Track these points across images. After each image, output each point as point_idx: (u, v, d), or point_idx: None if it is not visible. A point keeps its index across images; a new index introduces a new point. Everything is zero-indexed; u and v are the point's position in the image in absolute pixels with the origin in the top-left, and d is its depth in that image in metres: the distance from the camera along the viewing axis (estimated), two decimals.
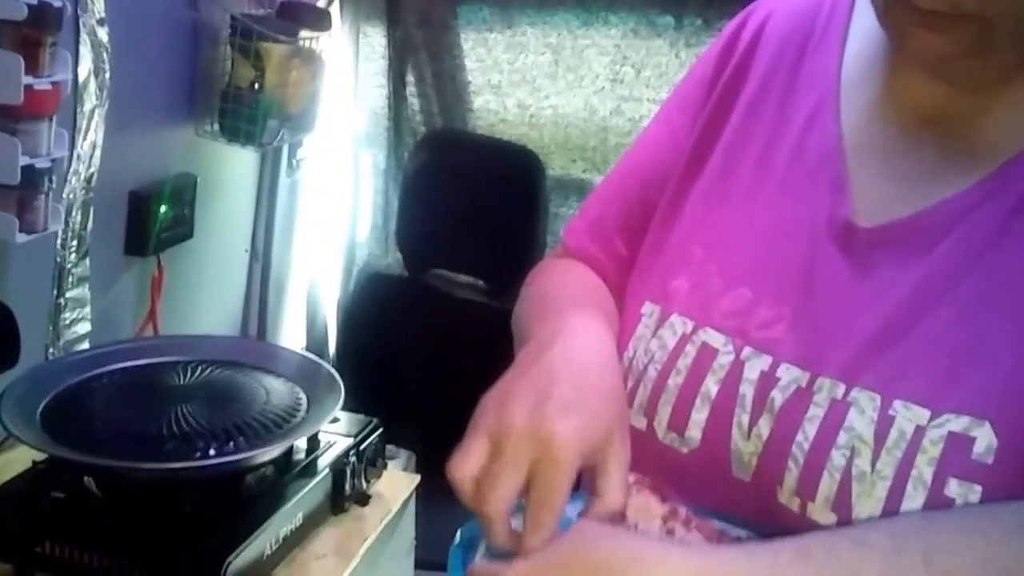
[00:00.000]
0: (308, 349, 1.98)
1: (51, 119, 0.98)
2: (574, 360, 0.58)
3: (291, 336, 1.95)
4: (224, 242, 1.63)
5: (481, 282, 1.86)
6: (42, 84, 0.95)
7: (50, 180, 1.00)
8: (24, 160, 0.96)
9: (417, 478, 1.19)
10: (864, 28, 0.64)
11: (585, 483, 0.56)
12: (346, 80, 1.80)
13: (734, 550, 0.48)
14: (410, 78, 1.81)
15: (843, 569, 0.45)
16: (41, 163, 0.98)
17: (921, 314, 0.54)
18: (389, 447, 1.43)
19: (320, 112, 1.59)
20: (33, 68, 0.94)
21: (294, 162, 1.79)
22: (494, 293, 1.82)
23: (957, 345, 0.52)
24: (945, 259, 0.55)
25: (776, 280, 0.60)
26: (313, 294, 1.98)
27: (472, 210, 1.75)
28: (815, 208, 0.60)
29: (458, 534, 0.56)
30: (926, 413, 0.51)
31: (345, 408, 1.04)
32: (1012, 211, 0.54)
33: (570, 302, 0.67)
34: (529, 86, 1.74)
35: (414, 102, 1.83)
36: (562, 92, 1.74)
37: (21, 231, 0.98)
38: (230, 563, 0.81)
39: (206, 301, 1.61)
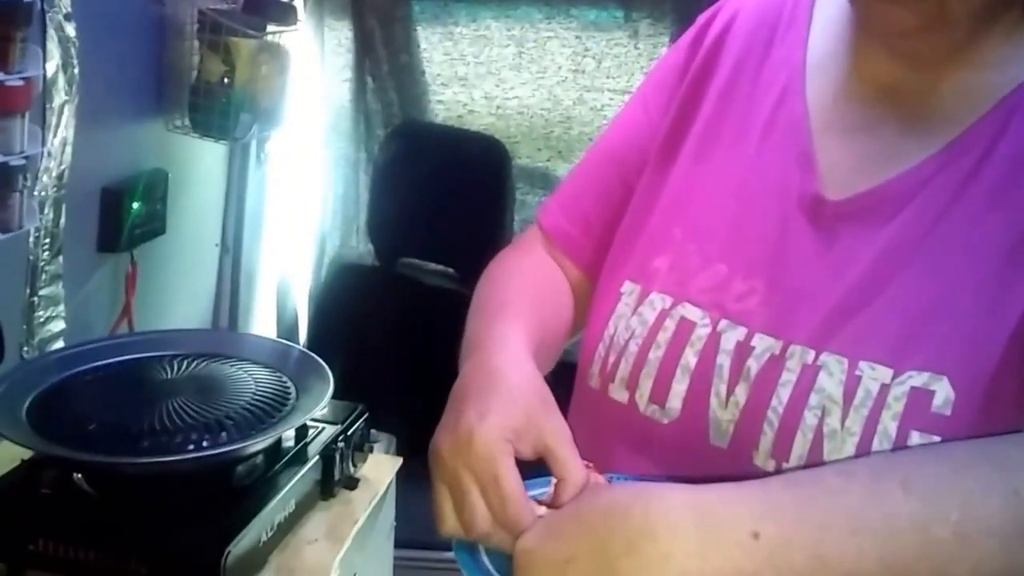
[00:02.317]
0: (279, 338, 1.95)
1: (24, 116, 0.94)
2: (482, 368, 0.59)
3: (262, 328, 1.91)
4: (196, 236, 1.60)
5: (451, 270, 1.85)
6: (13, 80, 0.91)
7: (24, 178, 0.96)
8: None
9: (399, 461, 1.18)
10: (827, 15, 0.67)
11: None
12: (312, 74, 1.77)
13: (724, 485, 0.49)
14: (376, 71, 1.78)
15: (828, 494, 0.47)
16: (15, 160, 0.94)
17: (884, 280, 0.56)
18: (371, 432, 1.42)
19: (287, 106, 1.55)
20: (3, 64, 0.90)
21: (262, 156, 1.75)
22: (464, 280, 1.80)
23: (916, 307, 0.55)
24: (904, 228, 0.57)
25: (750, 255, 0.62)
26: (283, 286, 1.95)
27: (441, 200, 1.73)
28: (785, 184, 0.62)
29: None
30: (890, 372, 0.54)
31: None
32: (963, 181, 0.56)
33: (497, 311, 0.68)
34: (494, 78, 1.74)
35: (379, 95, 1.81)
36: (526, 83, 1.74)
37: None
38: (229, 552, 0.79)
39: (179, 296, 1.57)
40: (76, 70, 1.06)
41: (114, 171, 1.30)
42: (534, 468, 0.56)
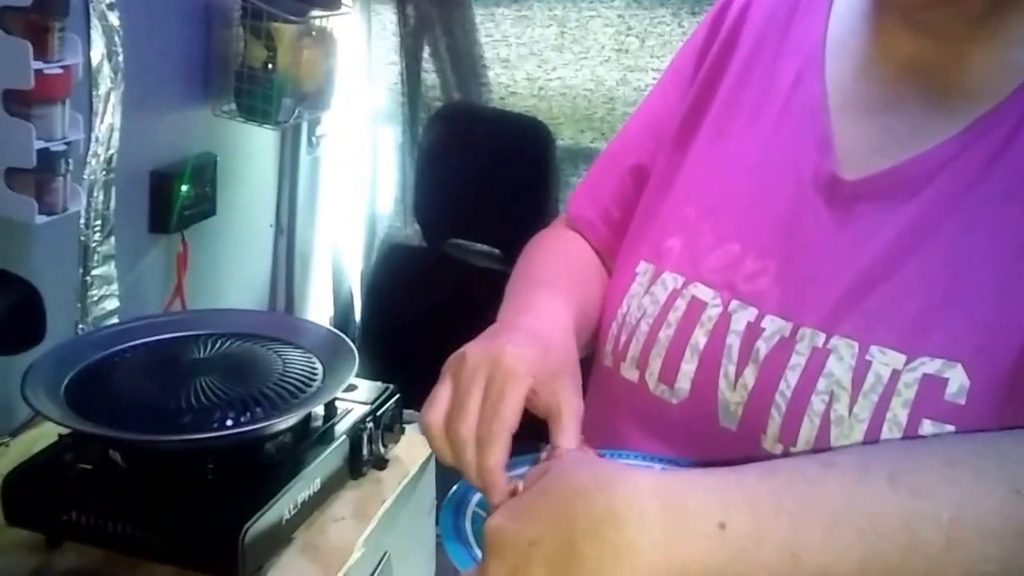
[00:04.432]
0: (334, 319, 1.97)
1: (64, 103, 0.95)
2: (523, 326, 0.59)
3: (318, 307, 1.93)
4: (247, 218, 1.61)
5: (497, 250, 1.83)
6: (52, 69, 0.92)
7: (67, 162, 0.98)
8: (39, 144, 0.93)
9: None
10: None
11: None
12: (360, 58, 1.76)
13: (699, 471, 0.47)
14: (422, 54, 1.77)
15: (808, 485, 0.43)
16: (56, 146, 0.96)
17: (899, 263, 0.53)
18: (409, 411, 1.42)
19: (336, 90, 1.54)
20: (42, 53, 0.91)
21: (314, 139, 1.75)
22: (509, 261, 1.78)
23: (932, 292, 0.52)
24: (923, 209, 0.54)
25: (763, 235, 0.60)
26: (338, 266, 1.96)
27: (486, 181, 1.71)
28: (801, 164, 0.60)
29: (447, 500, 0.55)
30: (902, 357, 0.51)
31: (371, 375, 1.02)
32: (988, 161, 0.52)
33: (538, 285, 0.68)
34: (536, 59, 1.70)
35: (426, 77, 1.79)
36: (569, 64, 1.69)
37: (40, 213, 0.96)
38: (248, 529, 0.79)
39: (232, 276, 1.59)
40: (120, 58, 1.07)
41: (163, 155, 1.31)
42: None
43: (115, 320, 1.20)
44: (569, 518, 0.43)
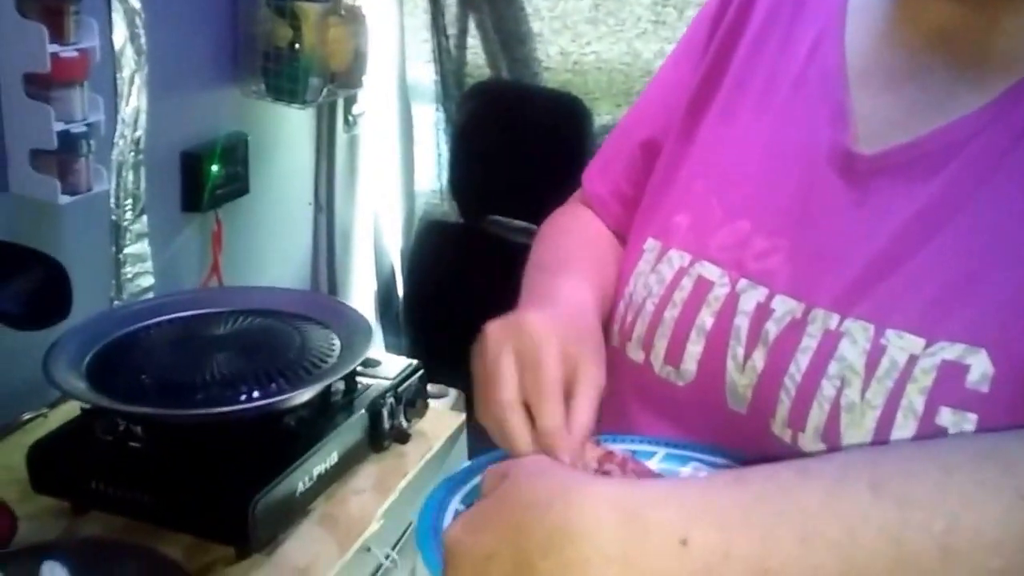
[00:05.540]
0: (378, 296, 1.99)
1: (82, 85, 0.97)
2: (547, 307, 0.58)
3: (361, 285, 1.95)
4: (283, 197, 1.63)
5: (535, 227, 1.80)
6: (68, 52, 0.94)
7: (88, 144, 1.00)
8: (59, 126, 0.95)
9: (462, 417, 1.18)
10: None
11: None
12: (393, 35, 1.75)
13: (664, 480, 0.44)
14: (452, 31, 1.75)
15: (782, 494, 0.40)
16: (77, 128, 0.98)
17: (919, 243, 0.50)
18: (439, 386, 1.42)
19: (367, 68, 1.54)
20: (58, 37, 0.93)
21: (350, 118, 1.76)
22: None
23: (954, 273, 0.48)
24: (946, 186, 0.50)
25: (774, 211, 0.57)
26: (379, 243, 1.98)
27: (522, 158, 1.69)
28: (815, 137, 0.57)
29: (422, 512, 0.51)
30: (920, 342, 0.48)
31: (413, 352, 1.02)
32: (1016, 136, 0.49)
33: (558, 271, 0.67)
34: (571, 32, 1.66)
35: (460, 54, 1.78)
36: (604, 37, 1.65)
37: (64, 192, 0.98)
38: (259, 500, 0.81)
39: (270, 254, 1.61)
40: (143, 40, 1.09)
41: (192, 136, 1.33)
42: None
43: (151, 296, 1.23)
44: (523, 532, 0.40)
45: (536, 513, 0.40)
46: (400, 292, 1.98)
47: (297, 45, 1.33)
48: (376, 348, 1.63)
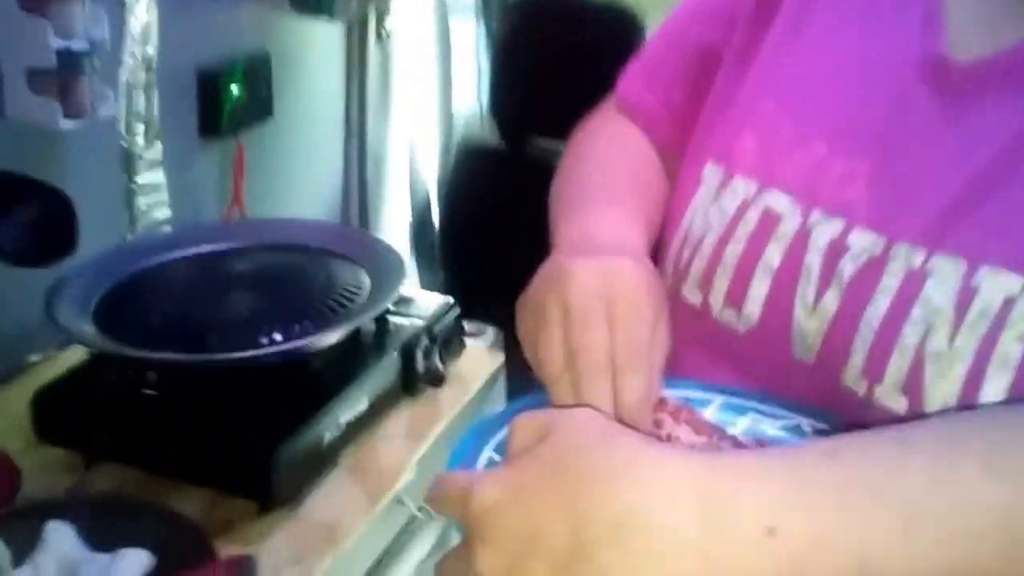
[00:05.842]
0: (412, 228, 1.92)
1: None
2: (612, 252, 0.52)
3: (394, 217, 1.88)
4: (310, 120, 1.55)
5: None
6: None
7: (91, 63, 0.92)
8: (58, 43, 0.88)
9: (501, 358, 1.11)
10: None
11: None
12: None
13: (745, 453, 0.39)
14: None
15: (881, 469, 0.35)
16: (78, 45, 0.90)
17: (1020, 165, 0.44)
18: (477, 324, 1.36)
19: None
20: None
21: (383, 33, 1.66)
22: None
23: None
24: None
25: (855, 131, 0.52)
26: (414, 169, 1.90)
27: (568, 75, 1.57)
28: (903, 45, 0.51)
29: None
30: (1019, 281, 0.42)
31: (448, 286, 0.95)
32: None
33: (600, 198, 0.61)
34: None
35: None
36: None
37: (66, 117, 0.91)
38: (281, 451, 0.75)
39: (297, 182, 1.54)
40: None
41: (209, 54, 1.25)
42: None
43: (167, 229, 1.17)
44: (582, 512, 0.34)
45: (597, 489, 0.35)
46: (436, 223, 1.91)
47: None
48: (410, 284, 1.57)
